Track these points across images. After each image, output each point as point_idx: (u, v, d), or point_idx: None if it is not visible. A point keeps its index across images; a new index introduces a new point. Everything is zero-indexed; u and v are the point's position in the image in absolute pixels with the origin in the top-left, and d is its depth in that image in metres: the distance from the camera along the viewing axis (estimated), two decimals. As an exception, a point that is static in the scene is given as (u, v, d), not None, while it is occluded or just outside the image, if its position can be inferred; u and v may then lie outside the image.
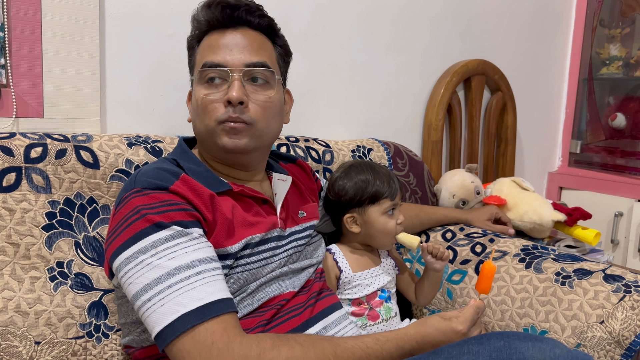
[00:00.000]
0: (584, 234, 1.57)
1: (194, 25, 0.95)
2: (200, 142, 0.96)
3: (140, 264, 0.76)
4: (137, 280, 0.75)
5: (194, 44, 0.96)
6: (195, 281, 0.75)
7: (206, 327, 0.71)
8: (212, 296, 0.74)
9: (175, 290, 0.73)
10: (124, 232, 0.78)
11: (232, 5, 0.91)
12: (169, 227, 0.77)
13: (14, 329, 0.89)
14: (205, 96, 0.89)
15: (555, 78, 2.22)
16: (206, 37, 0.94)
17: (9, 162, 0.94)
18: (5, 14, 1.06)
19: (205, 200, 0.84)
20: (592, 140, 2.20)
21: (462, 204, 1.58)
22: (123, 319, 0.90)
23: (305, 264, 0.99)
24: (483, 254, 1.28)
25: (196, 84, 0.92)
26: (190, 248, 0.77)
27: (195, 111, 0.92)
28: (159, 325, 0.72)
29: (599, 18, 2.16)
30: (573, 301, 1.08)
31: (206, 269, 0.77)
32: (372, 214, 1.13)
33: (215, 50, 0.90)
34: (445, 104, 1.75)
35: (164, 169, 0.84)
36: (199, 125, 0.91)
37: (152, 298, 0.74)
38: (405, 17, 1.71)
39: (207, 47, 0.92)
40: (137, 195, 0.80)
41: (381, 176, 1.13)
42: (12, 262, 0.92)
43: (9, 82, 1.08)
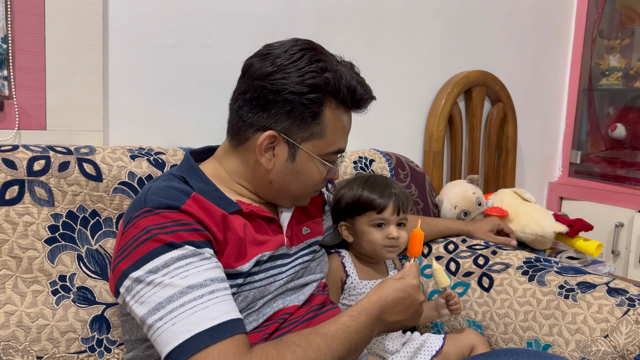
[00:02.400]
0: (585, 246, 1.57)
1: (336, 96, 0.89)
2: (272, 190, 0.94)
3: (151, 284, 0.75)
4: (148, 299, 0.74)
5: (320, 110, 0.88)
6: (208, 300, 0.74)
7: (219, 347, 0.71)
8: (225, 316, 0.74)
9: (189, 309, 0.72)
10: (134, 252, 0.77)
11: (372, 97, 0.96)
12: (182, 246, 0.77)
13: (16, 344, 0.88)
14: (321, 174, 0.94)
15: (555, 89, 2.22)
16: (337, 112, 0.91)
17: (11, 175, 0.94)
18: (9, 26, 1.06)
19: (217, 220, 0.83)
20: (592, 150, 2.20)
21: (464, 215, 1.58)
22: (127, 336, 0.89)
23: (310, 279, 0.99)
24: (486, 266, 1.28)
25: (317, 160, 0.92)
26: (202, 267, 0.76)
27: (303, 179, 0.93)
28: (170, 345, 0.71)
29: (598, 29, 2.17)
30: (577, 315, 1.08)
31: (218, 289, 0.76)
32: (359, 224, 1.15)
33: (346, 136, 0.96)
34: (446, 114, 1.75)
35: (174, 188, 0.83)
36: (297, 189, 0.95)
37: (163, 317, 0.72)
38: (407, 28, 1.71)
39: (341, 130, 0.93)
40: (147, 215, 0.79)
41: (374, 188, 1.14)
42: (14, 276, 0.92)
43: (12, 93, 1.08)
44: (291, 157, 0.90)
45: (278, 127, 0.88)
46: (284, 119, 0.87)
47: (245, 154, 0.92)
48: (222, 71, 1.35)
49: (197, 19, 1.31)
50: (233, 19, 1.37)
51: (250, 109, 0.89)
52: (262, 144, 0.88)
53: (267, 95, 0.87)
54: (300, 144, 0.89)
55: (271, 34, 1.42)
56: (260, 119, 0.88)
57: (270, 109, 0.87)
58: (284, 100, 0.86)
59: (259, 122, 0.88)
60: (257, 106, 0.88)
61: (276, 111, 0.87)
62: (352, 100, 0.92)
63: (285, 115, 0.87)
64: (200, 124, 1.35)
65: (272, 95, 0.87)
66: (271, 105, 0.87)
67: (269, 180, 0.92)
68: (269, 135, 0.88)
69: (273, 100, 0.87)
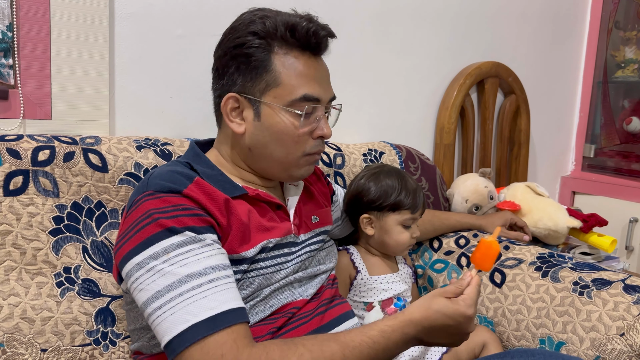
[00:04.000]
0: (599, 241, 1.53)
1: (275, 36, 0.85)
2: (256, 159, 0.91)
3: (151, 270, 0.73)
4: (147, 287, 0.73)
5: (267, 57, 0.86)
6: (207, 289, 0.73)
7: (216, 338, 0.69)
8: (224, 305, 0.72)
9: (187, 299, 0.71)
10: (134, 237, 0.76)
11: (326, 31, 0.88)
12: (182, 232, 0.75)
13: (20, 336, 0.87)
14: (297, 129, 0.87)
15: (569, 81, 2.18)
16: (290, 58, 0.86)
17: (16, 165, 0.93)
18: (14, 14, 1.05)
19: (220, 204, 0.82)
20: (607, 144, 2.16)
21: (475, 209, 1.55)
22: (132, 325, 0.88)
23: (318, 270, 0.97)
24: (498, 261, 1.25)
25: (282, 111, 0.86)
26: (202, 255, 0.75)
27: (277, 136, 0.87)
28: (168, 335, 0.70)
29: (614, 20, 2.12)
30: (592, 312, 1.05)
31: (219, 277, 0.75)
32: (389, 221, 1.12)
33: (310, 81, 0.87)
34: (458, 106, 1.72)
35: (177, 172, 0.82)
36: (278, 151, 0.88)
37: (162, 306, 0.72)
38: (418, 18, 1.68)
39: (300, 75, 0.86)
40: (149, 199, 0.78)
41: (408, 187, 1.12)
42: (18, 268, 0.91)
43: (17, 83, 1.07)
44: (257, 115, 0.87)
45: (235, 87, 0.88)
46: (237, 77, 0.87)
47: (225, 130, 0.93)
48: (230, 61, 1.33)
49: (205, 7, 1.29)
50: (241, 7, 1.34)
51: (214, 82, 0.91)
52: (225, 108, 0.88)
53: (221, 61, 0.89)
54: (261, 99, 0.86)
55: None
56: (222, 87, 0.89)
57: (226, 72, 0.88)
58: (231, 57, 0.87)
59: (222, 91, 0.89)
60: (217, 76, 0.91)
61: (229, 72, 0.88)
62: (296, 38, 0.85)
63: (236, 73, 0.87)
64: (207, 115, 1.32)
65: (223, 58, 0.88)
66: (225, 68, 0.88)
67: (248, 147, 0.90)
68: (228, 97, 0.88)
69: (225, 63, 0.88)
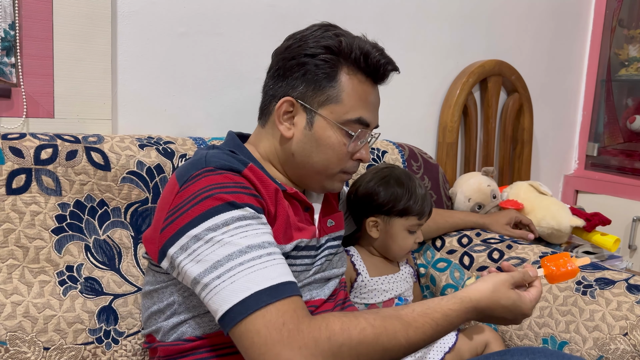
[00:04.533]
0: (603, 240, 1.53)
1: (349, 57, 0.88)
2: (297, 165, 0.92)
3: (210, 242, 0.73)
4: (206, 257, 0.72)
5: (335, 73, 0.88)
6: (267, 261, 0.72)
7: (278, 307, 0.68)
8: (283, 277, 0.72)
9: (248, 268, 0.70)
10: (192, 209, 0.75)
11: (393, 66, 0.92)
12: (242, 207, 0.75)
13: (23, 335, 0.87)
14: (344, 146, 0.90)
15: (573, 79, 2.17)
16: (356, 80, 0.89)
17: (18, 164, 0.93)
18: (17, 12, 1.05)
19: (271, 192, 0.83)
20: (610, 142, 2.15)
21: (478, 207, 1.55)
22: (154, 307, 0.87)
23: (333, 274, 0.98)
24: (501, 261, 1.25)
25: (335, 127, 0.88)
26: (260, 230, 0.75)
27: (323, 149, 0.89)
28: (228, 303, 0.69)
29: (618, 18, 2.11)
30: (595, 312, 1.05)
31: (275, 252, 0.75)
32: (395, 226, 1.11)
33: (369, 107, 0.91)
34: (461, 105, 1.72)
35: (232, 155, 0.84)
36: (320, 163, 0.90)
37: (222, 275, 0.70)
38: (421, 16, 1.67)
39: (360, 99, 0.89)
40: (210, 174, 0.79)
41: (417, 194, 1.11)
42: (21, 266, 0.91)
43: (20, 81, 1.07)
44: (309, 124, 0.89)
45: (294, 92, 0.89)
46: (299, 84, 0.88)
47: (271, 130, 0.93)
48: (233, 59, 1.33)
49: (208, 5, 1.28)
50: (244, 5, 1.34)
51: (272, 81, 0.92)
52: (279, 110, 0.89)
53: (285, 63, 0.90)
54: (317, 110, 0.88)
55: (282, 21, 1.40)
56: (280, 88, 0.90)
57: (288, 76, 0.89)
58: (298, 64, 0.88)
59: (279, 92, 0.90)
60: (277, 77, 0.91)
61: (292, 77, 0.89)
62: (367, 64, 0.89)
63: (300, 79, 0.88)
64: (210, 113, 1.33)
65: (289, 62, 0.89)
66: (289, 72, 0.89)
67: (291, 153, 0.91)
68: (285, 101, 0.89)
69: (290, 67, 0.89)
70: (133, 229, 1.02)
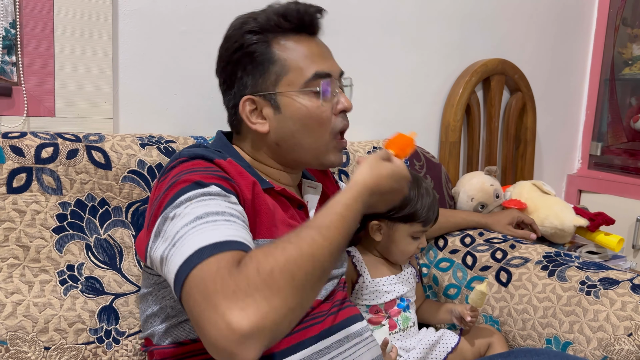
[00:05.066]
0: (606, 240, 1.52)
1: (270, 27, 0.87)
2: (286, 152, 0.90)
3: (173, 218, 0.70)
4: (167, 234, 0.69)
5: (268, 49, 0.87)
6: (221, 222, 0.68)
7: (217, 257, 0.63)
8: (235, 237, 0.67)
9: (200, 229, 0.66)
10: (163, 197, 0.74)
11: (314, 8, 0.90)
12: (208, 185, 0.73)
13: (23, 334, 0.87)
14: (318, 108, 0.87)
15: (576, 78, 2.16)
16: (290, 43, 0.88)
17: (19, 163, 0.92)
18: (17, 11, 1.04)
19: (248, 183, 0.81)
20: (613, 142, 2.14)
21: (481, 207, 1.54)
22: (148, 310, 0.87)
23: (332, 274, 0.96)
24: (504, 260, 1.24)
25: (299, 95, 0.87)
26: (224, 204, 0.72)
27: (303, 121, 0.87)
28: (175, 267, 0.64)
29: (621, 17, 2.10)
30: (599, 312, 1.04)
31: (237, 218, 0.71)
32: (399, 231, 1.10)
33: (318, 59, 0.88)
34: (463, 104, 1.71)
35: (210, 150, 0.84)
36: (306, 138, 0.88)
37: (176, 242, 0.67)
38: (424, 14, 1.67)
39: (304, 57, 0.87)
40: (182, 163, 0.79)
41: (424, 201, 1.10)
42: (21, 265, 0.90)
43: (20, 80, 1.06)
44: (277, 109, 0.88)
45: (247, 90, 0.88)
46: (246, 80, 0.88)
47: (249, 134, 0.92)
48: (234, 58, 1.32)
49: (209, 4, 1.28)
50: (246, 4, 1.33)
51: (226, 95, 0.93)
52: (244, 112, 0.89)
53: (225, 72, 0.91)
54: (275, 91, 0.87)
55: (284, 20, 1.39)
56: (235, 95, 0.90)
57: (234, 80, 0.89)
58: (235, 64, 0.88)
59: (236, 98, 0.90)
60: (226, 88, 0.92)
61: (237, 78, 0.89)
62: (291, 22, 0.87)
63: (245, 76, 0.88)
64: (211, 112, 1.32)
65: (227, 68, 0.90)
66: (232, 77, 0.89)
67: (275, 143, 0.90)
68: (244, 101, 0.88)
69: (230, 72, 0.89)
70: (134, 228, 1.01)
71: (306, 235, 0.67)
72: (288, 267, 0.61)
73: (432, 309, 1.22)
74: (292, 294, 0.60)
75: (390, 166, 0.82)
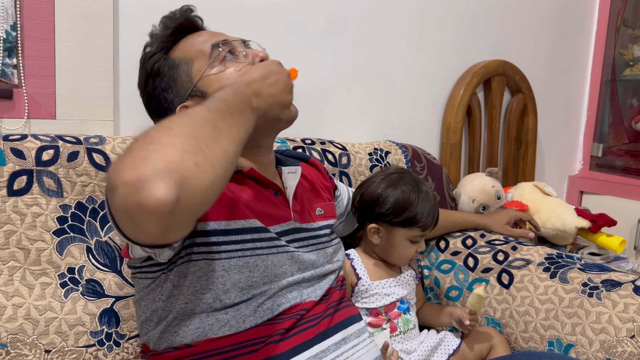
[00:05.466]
0: (608, 242, 1.52)
1: (161, 37, 0.92)
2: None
3: None
4: None
5: (166, 60, 0.90)
6: None
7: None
8: None
9: None
10: None
11: (185, 7, 0.95)
12: None
13: (24, 337, 0.86)
14: (236, 69, 0.87)
15: (577, 79, 2.16)
16: (183, 41, 0.91)
17: (20, 165, 0.92)
18: (18, 13, 1.04)
19: None
20: (615, 143, 2.14)
21: (482, 209, 1.53)
22: (142, 316, 0.87)
23: (327, 269, 0.95)
24: (505, 262, 1.24)
25: (212, 70, 0.86)
26: None
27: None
28: None
29: (622, 18, 2.10)
30: (601, 314, 1.03)
31: None
32: (397, 235, 1.09)
33: (209, 38, 0.90)
34: (464, 105, 1.71)
35: None
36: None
37: None
38: (424, 15, 1.67)
39: (197, 42, 0.90)
40: None
41: (423, 206, 1.08)
42: (22, 268, 0.90)
43: (21, 82, 1.06)
44: (204, 95, 0.86)
45: (175, 103, 0.88)
46: (169, 96, 0.89)
47: None
48: (235, 60, 1.32)
49: (210, 5, 1.28)
50: (247, 5, 1.33)
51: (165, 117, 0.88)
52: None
53: (151, 105, 0.93)
54: (194, 83, 0.87)
55: (285, 21, 1.39)
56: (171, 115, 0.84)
57: (163, 106, 0.90)
58: (153, 91, 0.90)
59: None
60: (162, 114, 0.90)
61: (164, 101, 0.89)
62: (172, 32, 0.91)
63: (167, 94, 0.89)
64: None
65: (152, 102, 0.92)
66: (159, 104, 0.90)
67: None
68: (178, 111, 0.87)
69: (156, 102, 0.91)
70: (135, 230, 1.01)
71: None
72: (164, 123, 0.61)
73: (433, 312, 1.22)
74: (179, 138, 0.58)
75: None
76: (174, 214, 0.54)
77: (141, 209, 0.53)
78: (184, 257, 0.80)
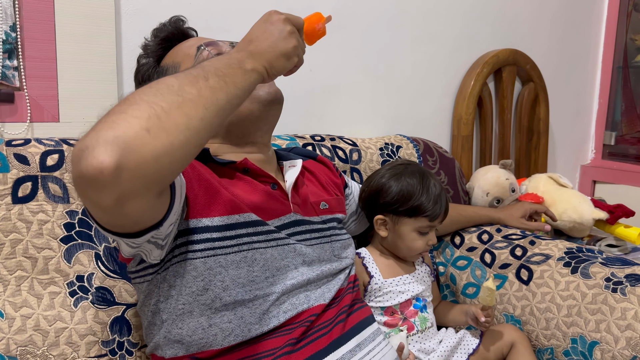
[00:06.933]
0: (626, 233, 1.48)
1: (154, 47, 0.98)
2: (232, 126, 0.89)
3: None
4: None
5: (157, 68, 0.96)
6: None
7: None
8: None
9: None
10: None
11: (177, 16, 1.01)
12: None
13: (34, 349, 0.84)
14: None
15: (588, 67, 2.12)
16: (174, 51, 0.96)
17: (24, 171, 0.89)
18: (17, 14, 1.01)
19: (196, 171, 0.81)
20: (628, 131, 2.10)
21: (497, 202, 1.50)
22: (146, 322, 0.84)
23: (336, 267, 0.91)
24: (524, 257, 1.20)
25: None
26: None
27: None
28: None
29: (633, 2, 2.06)
30: (627, 310, 1.00)
31: None
32: (404, 226, 1.06)
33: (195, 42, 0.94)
34: (475, 96, 1.67)
35: None
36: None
37: None
38: (433, 6, 1.63)
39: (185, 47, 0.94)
40: None
41: (429, 193, 1.05)
42: (30, 277, 0.87)
43: (23, 85, 1.03)
44: None
45: None
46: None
47: None
48: (241, 56, 1.29)
49: (214, 2, 1.24)
50: (251, 2, 1.30)
51: None
52: None
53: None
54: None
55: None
56: None
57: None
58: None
59: None
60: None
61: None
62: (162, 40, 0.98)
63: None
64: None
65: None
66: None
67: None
68: None
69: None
70: (144, 235, 0.98)
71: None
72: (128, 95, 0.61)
73: (448, 311, 1.19)
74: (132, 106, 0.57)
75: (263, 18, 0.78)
76: (119, 181, 0.53)
77: (82, 177, 0.53)
78: (178, 256, 0.77)
